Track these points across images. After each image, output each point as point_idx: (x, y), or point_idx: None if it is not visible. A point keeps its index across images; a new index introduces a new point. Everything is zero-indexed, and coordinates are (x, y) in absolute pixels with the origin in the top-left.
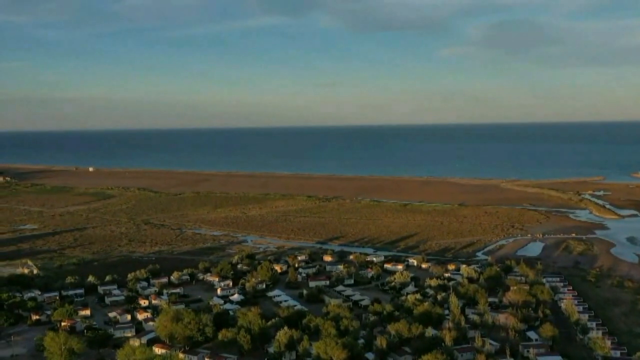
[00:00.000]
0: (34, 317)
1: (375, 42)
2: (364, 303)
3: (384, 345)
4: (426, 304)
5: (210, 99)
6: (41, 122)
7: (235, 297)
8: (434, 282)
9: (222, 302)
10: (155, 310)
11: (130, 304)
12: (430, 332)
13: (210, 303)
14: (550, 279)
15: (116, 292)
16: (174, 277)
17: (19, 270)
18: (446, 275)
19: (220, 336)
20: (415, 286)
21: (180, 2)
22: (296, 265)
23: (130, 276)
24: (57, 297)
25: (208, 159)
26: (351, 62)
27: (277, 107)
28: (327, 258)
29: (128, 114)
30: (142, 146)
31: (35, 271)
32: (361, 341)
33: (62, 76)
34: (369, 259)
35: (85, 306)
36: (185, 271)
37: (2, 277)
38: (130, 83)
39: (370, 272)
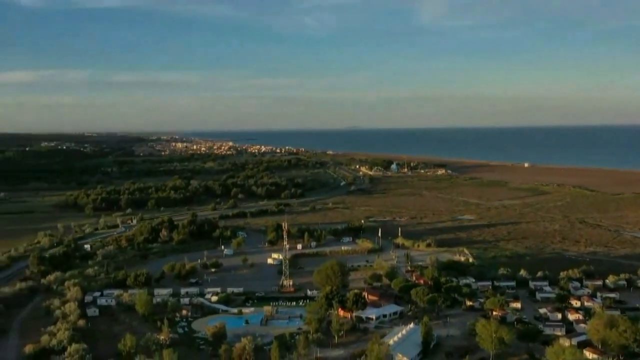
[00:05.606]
0: (468, 303)
1: None
2: None
3: None
4: None
5: None
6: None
7: None
8: None
9: None
10: (587, 313)
11: (562, 303)
12: None
13: None
14: None
15: (547, 288)
16: (609, 280)
17: (456, 257)
18: None
19: None
20: None
21: None
22: None
23: (562, 274)
24: (490, 287)
25: None
26: None
27: None
28: None
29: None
30: (576, 143)
31: (470, 259)
32: None
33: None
34: None
35: (516, 299)
36: (621, 276)
37: (441, 262)
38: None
39: None
